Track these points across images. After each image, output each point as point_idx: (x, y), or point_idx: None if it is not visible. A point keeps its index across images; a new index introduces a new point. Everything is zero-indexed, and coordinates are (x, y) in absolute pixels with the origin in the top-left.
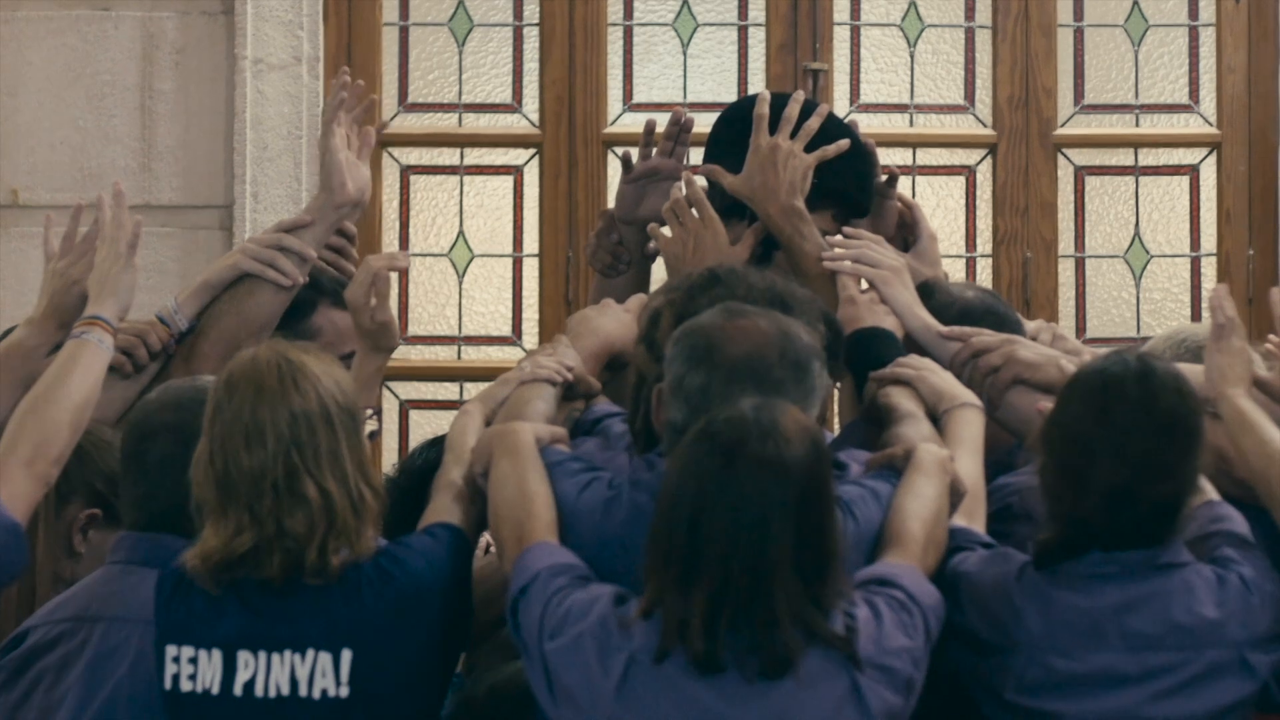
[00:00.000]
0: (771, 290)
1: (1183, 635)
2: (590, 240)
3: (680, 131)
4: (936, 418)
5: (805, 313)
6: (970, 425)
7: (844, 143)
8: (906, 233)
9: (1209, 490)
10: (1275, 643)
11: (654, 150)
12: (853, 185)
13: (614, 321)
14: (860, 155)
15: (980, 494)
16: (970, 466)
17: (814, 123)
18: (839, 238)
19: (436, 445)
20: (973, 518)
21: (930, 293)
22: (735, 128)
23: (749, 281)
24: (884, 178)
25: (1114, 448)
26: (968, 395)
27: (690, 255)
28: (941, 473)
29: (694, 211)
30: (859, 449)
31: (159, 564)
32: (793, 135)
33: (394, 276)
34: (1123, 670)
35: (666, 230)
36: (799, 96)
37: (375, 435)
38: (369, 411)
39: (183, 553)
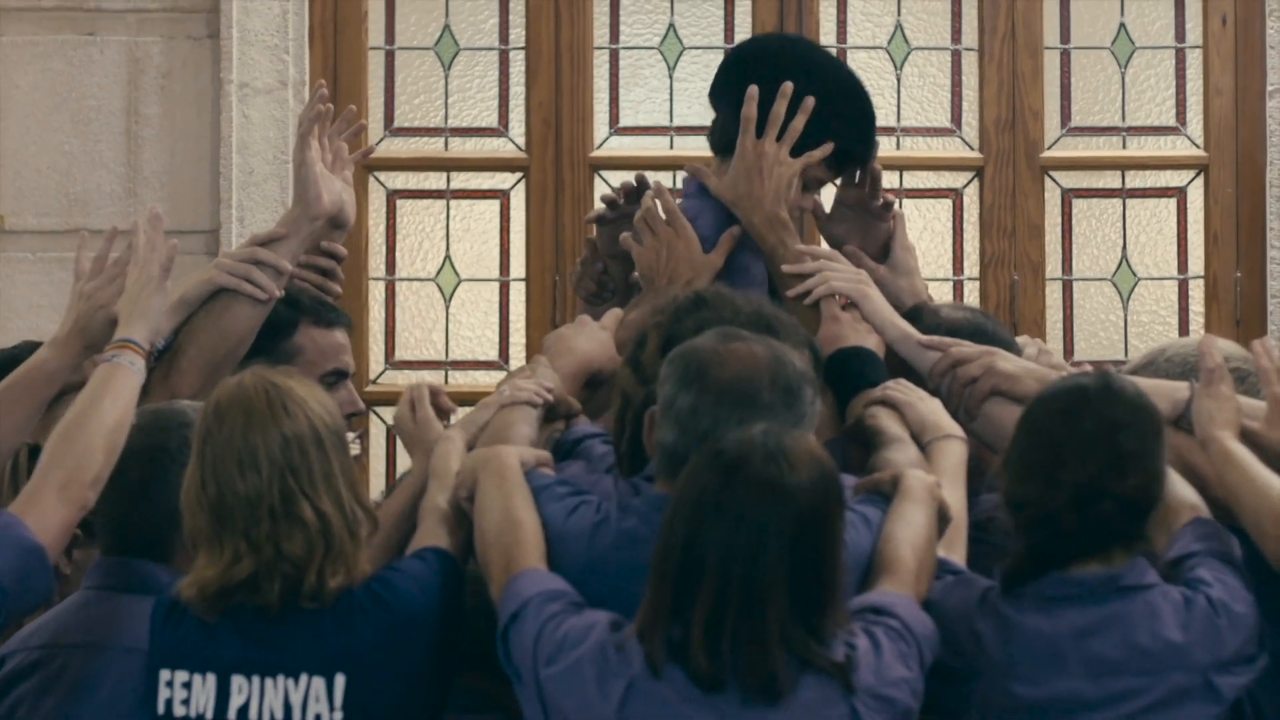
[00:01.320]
0: (757, 313)
1: (1145, 659)
2: (576, 268)
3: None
4: (921, 446)
5: (790, 336)
6: (953, 456)
7: (828, 147)
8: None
9: (1201, 507)
10: (1243, 665)
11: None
12: (850, 136)
13: (591, 340)
14: (856, 103)
15: (962, 525)
16: (952, 498)
17: (799, 122)
18: (800, 261)
19: None
20: (952, 548)
21: (918, 316)
22: (735, 74)
23: (735, 304)
24: (881, 202)
25: (1079, 445)
26: (952, 426)
27: (664, 265)
28: (930, 499)
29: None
30: (841, 470)
31: (135, 589)
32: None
33: (380, 297)
34: (1085, 696)
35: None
36: (786, 91)
37: (358, 459)
38: (353, 435)
39: (159, 577)
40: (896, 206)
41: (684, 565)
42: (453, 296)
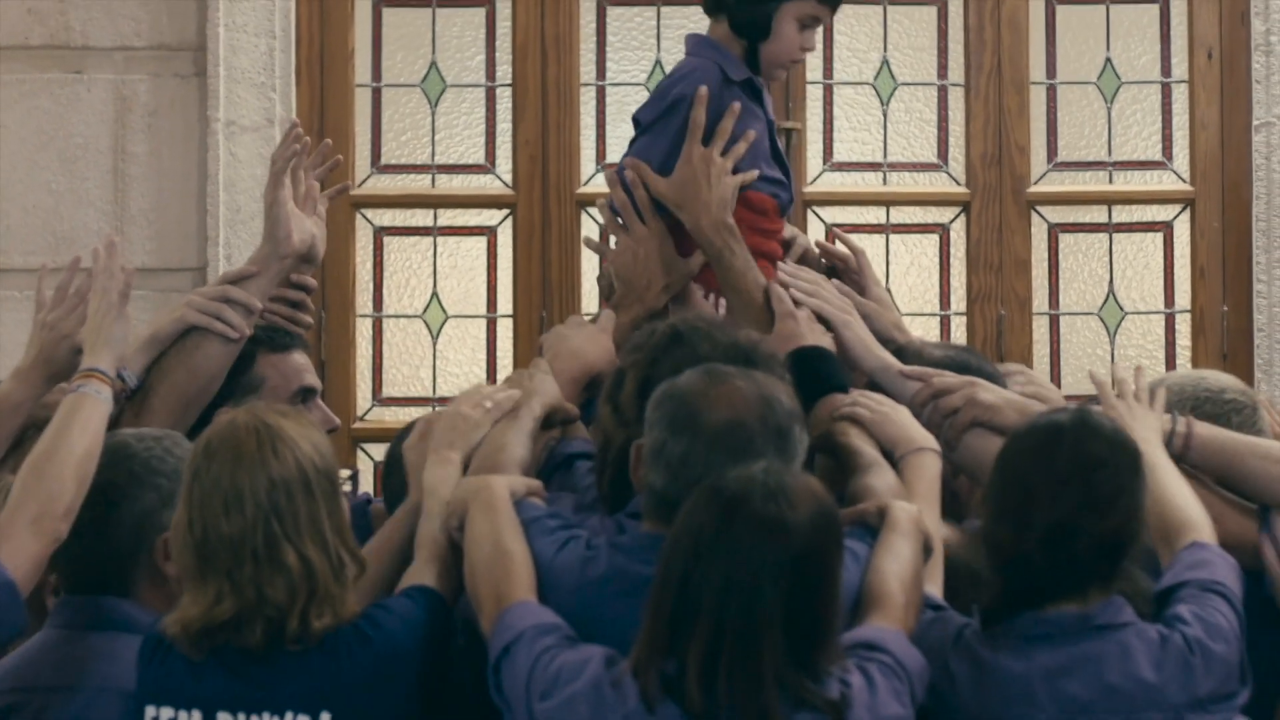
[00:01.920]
0: (734, 345)
1: (1117, 699)
2: (602, 272)
3: None
4: (893, 461)
5: (769, 366)
6: (927, 472)
7: (753, 174)
8: (849, 276)
9: (1202, 528)
10: (1219, 703)
11: None
12: None
13: (590, 343)
14: None
15: (939, 550)
16: (928, 517)
17: (741, 147)
18: (788, 268)
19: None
20: (930, 577)
21: (901, 355)
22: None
23: (713, 337)
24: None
25: (1053, 484)
26: (924, 438)
27: (640, 266)
28: (916, 532)
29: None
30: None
31: (101, 627)
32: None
33: (367, 334)
34: None
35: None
36: (734, 109)
37: (350, 497)
38: (345, 474)
39: (124, 612)
40: (856, 244)
41: (680, 601)
42: (440, 333)
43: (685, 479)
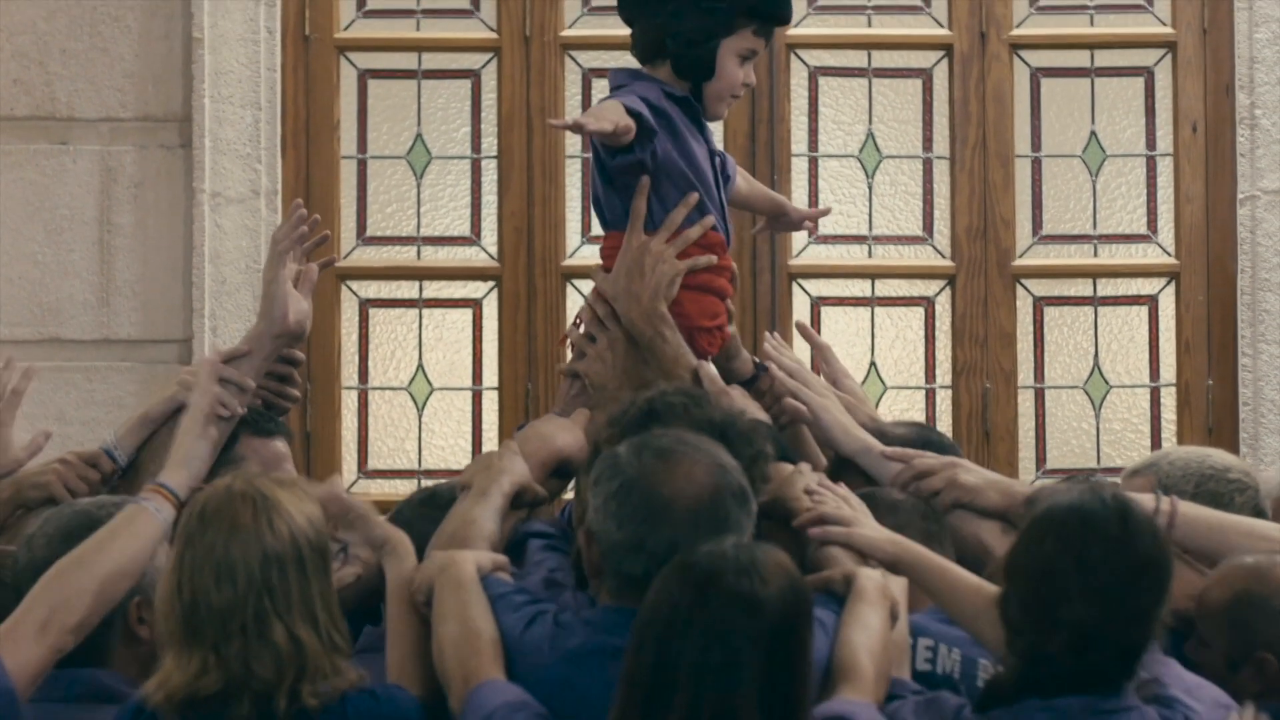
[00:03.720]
0: (711, 424)
1: None
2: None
3: None
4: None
5: (746, 442)
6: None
7: (708, 258)
8: (823, 368)
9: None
10: None
11: None
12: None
13: (563, 430)
14: None
15: (904, 621)
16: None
17: (694, 232)
18: (775, 342)
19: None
20: (900, 668)
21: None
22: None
23: (690, 414)
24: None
25: (1087, 587)
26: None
27: (610, 371)
28: (883, 600)
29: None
30: None
31: (82, 698)
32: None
33: (353, 406)
34: None
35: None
36: (690, 200)
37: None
38: (336, 547)
39: (102, 683)
40: (820, 339)
41: (656, 679)
42: (425, 405)
43: (654, 558)
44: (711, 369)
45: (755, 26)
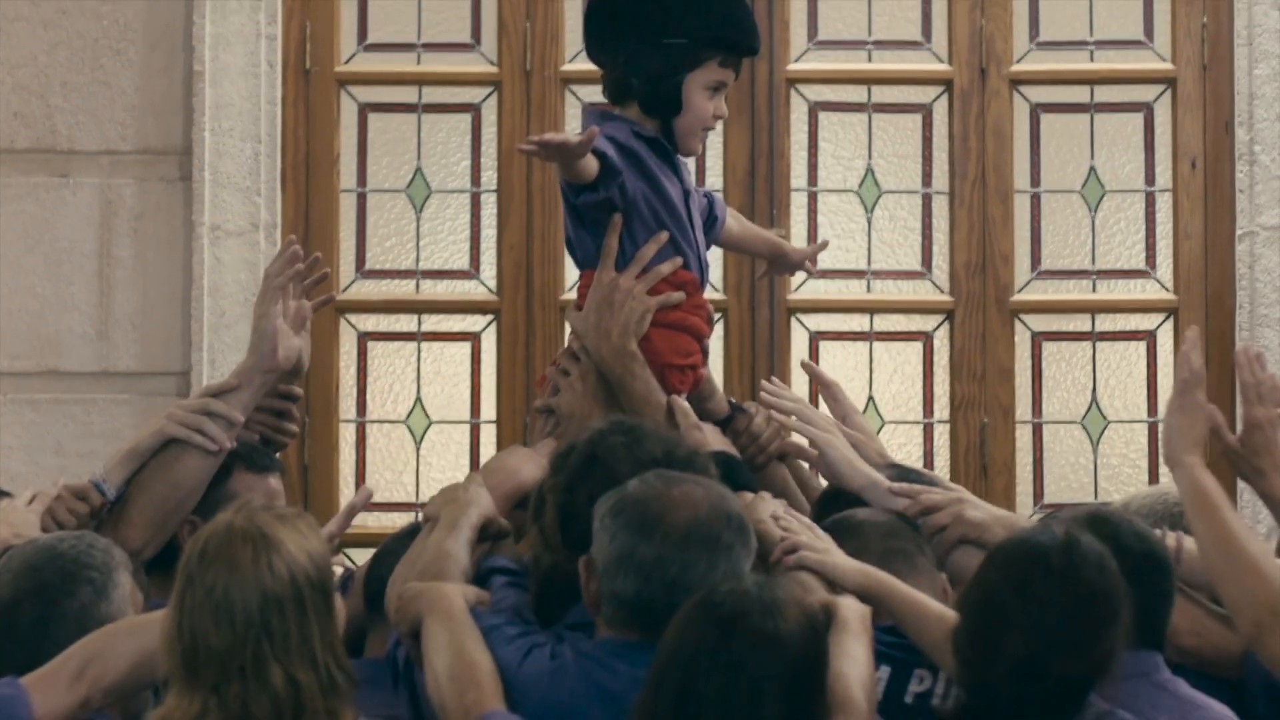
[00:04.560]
0: (654, 461)
1: None
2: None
3: None
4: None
5: (693, 466)
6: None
7: (678, 295)
8: (831, 405)
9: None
10: None
11: None
12: (732, 29)
13: (527, 462)
14: (733, 1)
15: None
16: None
17: (665, 268)
18: (772, 387)
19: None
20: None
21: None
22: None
23: (632, 456)
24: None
25: (1028, 619)
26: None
27: (580, 402)
28: (865, 630)
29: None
30: None
31: None
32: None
33: (351, 439)
34: None
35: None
36: (660, 238)
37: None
38: (338, 570)
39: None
40: (827, 376)
41: (679, 715)
42: (424, 439)
43: (661, 581)
44: (684, 403)
45: (720, 58)
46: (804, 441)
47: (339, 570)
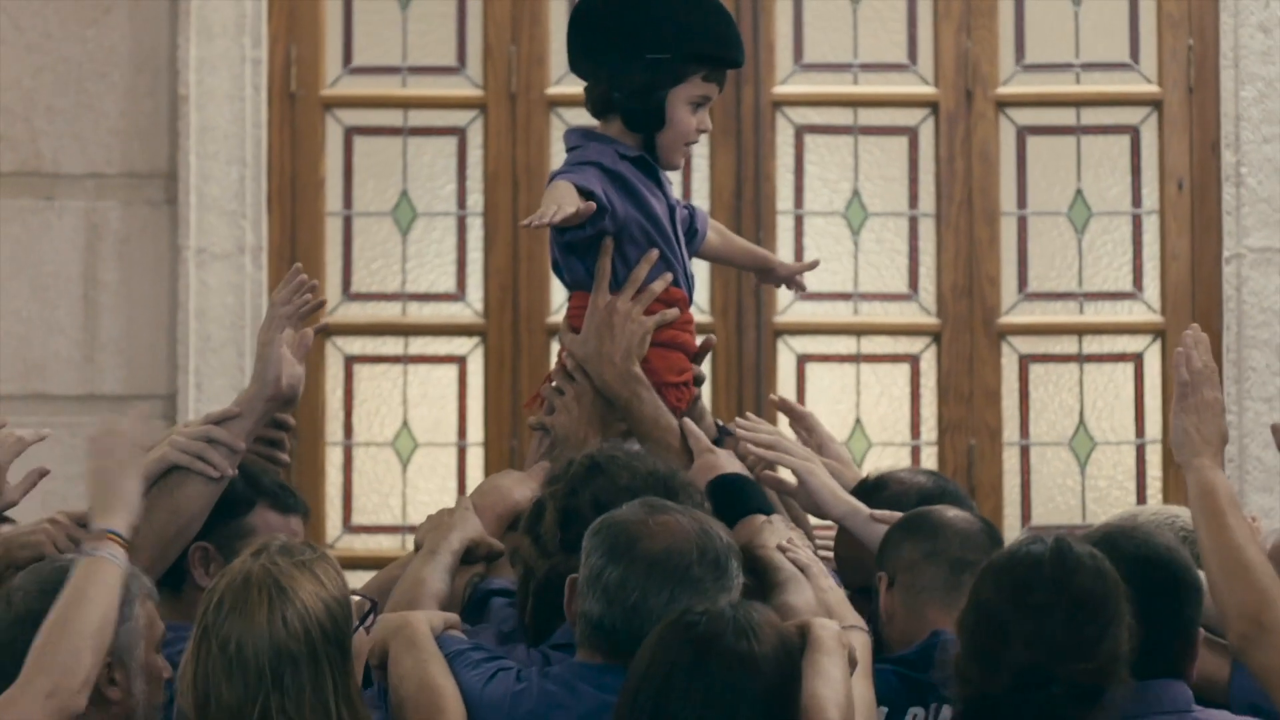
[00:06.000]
0: (653, 475)
1: None
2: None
3: None
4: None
5: (687, 495)
6: (858, 650)
7: (674, 311)
8: (805, 436)
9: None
10: None
11: None
12: (716, 43)
13: (519, 484)
14: (717, 14)
15: (865, 660)
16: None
17: (658, 286)
18: (746, 422)
19: None
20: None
21: (884, 485)
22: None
23: (632, 468)
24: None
25: (1027, 628)
26: (854, 618)
27: (575, 423)
28: (841, 649)
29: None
30: None
31: None
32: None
33: (337, 462)
34: None
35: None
36: (651, 256)
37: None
38: (363, 603)
39: None
40: (800, 408)
41: None
42: (410, 461)
43: (621, 605)
44: (695, 427)
45: (704, 73)
46: (786, 473)
47: (361, 601)
